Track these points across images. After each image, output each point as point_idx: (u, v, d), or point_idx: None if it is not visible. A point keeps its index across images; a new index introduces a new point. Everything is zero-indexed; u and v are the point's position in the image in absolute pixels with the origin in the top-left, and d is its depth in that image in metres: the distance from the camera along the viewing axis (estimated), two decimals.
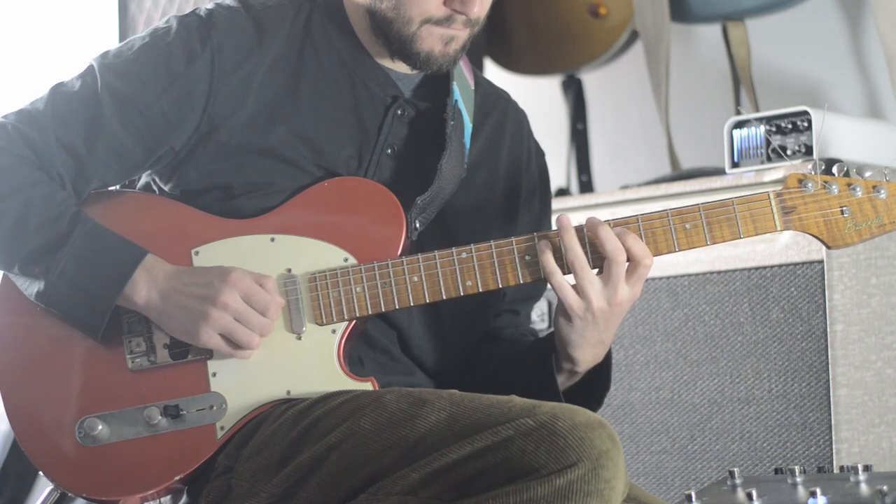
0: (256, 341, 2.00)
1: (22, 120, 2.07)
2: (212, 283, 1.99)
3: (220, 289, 1.98)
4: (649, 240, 2.00)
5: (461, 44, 2.10)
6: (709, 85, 3.52)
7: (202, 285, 2.00)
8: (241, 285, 1.99)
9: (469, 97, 2.21)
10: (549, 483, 1.74)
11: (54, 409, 2.06)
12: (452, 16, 2.05)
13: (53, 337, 2.06)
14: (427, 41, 2.07)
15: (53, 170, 2.05)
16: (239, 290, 1.99)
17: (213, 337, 2.00)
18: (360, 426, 1.89)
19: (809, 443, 2.56)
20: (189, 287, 2.00)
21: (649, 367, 2.77)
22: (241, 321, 1.99)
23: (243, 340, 1.99)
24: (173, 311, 2.01)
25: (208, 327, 1.99)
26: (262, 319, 2.00)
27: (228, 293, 1.98)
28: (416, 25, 2.06)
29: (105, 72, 2.08)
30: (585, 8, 3.43)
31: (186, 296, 2.00)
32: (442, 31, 2.07)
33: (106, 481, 2.05)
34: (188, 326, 2.00)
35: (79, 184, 2.08)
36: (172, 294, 2.01)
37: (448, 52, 2.09)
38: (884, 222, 2.00)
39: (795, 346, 2.58)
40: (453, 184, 2.14)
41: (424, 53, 2.08)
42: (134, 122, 2.07)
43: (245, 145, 2.08)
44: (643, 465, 2.77)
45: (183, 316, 2.00)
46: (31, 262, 2.02)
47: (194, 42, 2.07)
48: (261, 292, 2.00)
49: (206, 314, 1.98)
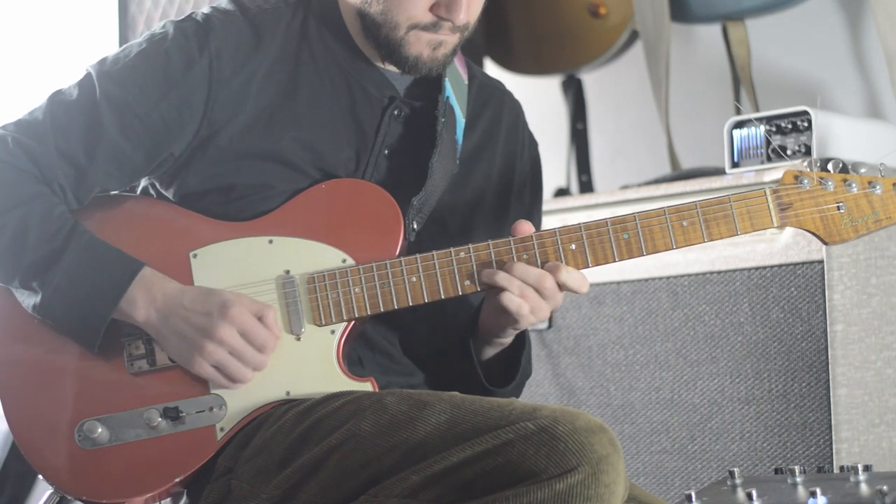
0: (250, 377, 2.01)
1: (21, 131, 2.07)
2: (210, 314, 1.99)
3: (217, 324, 1.98)
4: (647, 237, 2.01)
5: (450, 48, 2.10)
6: (709, 85, 3.52)
7: (201, 314, 2.00)
8: (240, 321, 1.99)
9: (462, 92, 2.21)
10: (549, 487, 1.74)
11: (54, 412, 2.06)
12: (439, 22, 2.06)
13: (53, 340, 2.06)
14: (415, 46, 2.07)
15: (55, 181, 2.05)
16: (237, 326, 1.99)
17: (207, 369, 2.00)
18: (360, 428, 1.89)
19: (809, 443, 2.56)
20: (188, 314, 2.00)
21: (649, 367, 2.77)
22: (236, 356, 1.99)
23: (237, 376, 2.00)
24: (170, 335, 2.01)
25: (202, 359, 2.00)
26: (258, 356, 2.00)
27: (226, 329, 1.98)
28: (403, 30, 2.06)
29: (103, 79, 2.08)
30: (585, 8, 3.43)
31: (185, 321, 2.00)
32: (430, 36, 2.07)
33: (106, 484, 2.05)
34: (183, 353, 2.01)
35: (80, 193, 2.08)
36: (171, 317, 2.01)
37: (437, 56, 2.09)
38: (880, 217, 2.02)
39: (795, 346, 2.58)
40: (445, 181, 2.14)
41: (413, 58, 2.08)
42: (133, 129, 2.07)
43: (245, 149, 2.08)
44: (643, 465, 2.77)
45: (179, 342, 2.01)
46: (29, 276, 2.02)
47: (192, 47, 2.07)
48: (258, 329, 2.00)
49: (202, 346, 1.99)
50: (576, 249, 2.02)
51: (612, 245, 2.01)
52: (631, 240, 2.01)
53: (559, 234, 2.01)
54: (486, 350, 2.15)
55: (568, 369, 2.89)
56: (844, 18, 3.35)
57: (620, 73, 3.64)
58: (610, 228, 2.01)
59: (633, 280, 2.79)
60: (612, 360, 2.82)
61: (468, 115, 2.22)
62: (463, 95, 2.21)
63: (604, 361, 2.83)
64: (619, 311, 2.81)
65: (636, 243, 2.01)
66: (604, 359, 2.83)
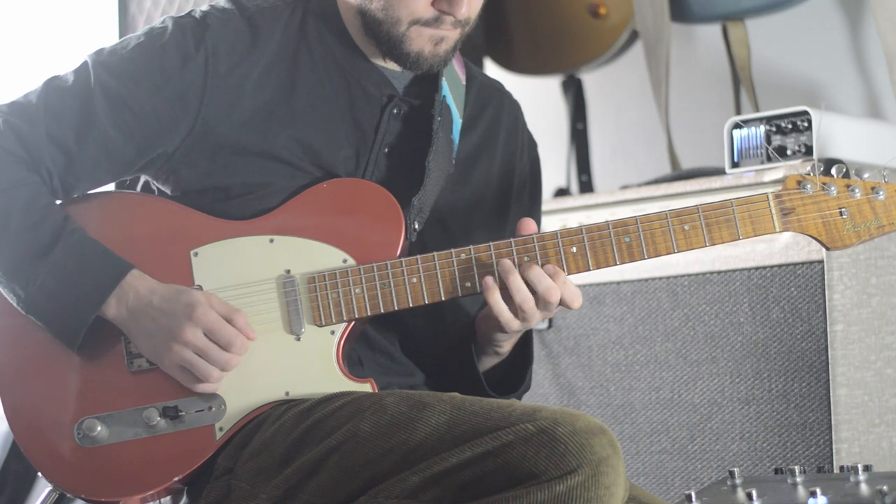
0: (215, 375, 2.00)
1: (14, 112, 2.07)
2: (175, 314, 1.99)
3: (181, 324, 1.98)
4: (648, 241, 2.01)
5: (451, 44, 2.10)
6: (709, 85, 3.52)
7: (168, 315, 1.99)
8: (204, 321, 1.98)
9: (459, 92, 2.21)
10: (548, 489, 1.74)
11: (53, 410, 2.06)
12: (440, 17, 2.05)
13: (52, 339, 2.06)
14: (416, 42, 2.07)
15: (42, 164, 2.05)
16: (202, 326, 1.98)
17: (174, 369, 2.00)
18: (360, 429, 1.89)
19: (809, 443, 2.56)
20: (155, 314, 2.00)
21: (649, 367, 2.77)
22: (202, 356, 1.99)
23: (203, 374, 1.99)
24: (140, 334, 2.01)
25: (168, 359, 2.00)
26: (224, 354, 1.99)
27: (190, 330, 1.98)
28: (404, 26, 2.06)
29: (99, 69, 2.08)
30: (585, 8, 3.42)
31: (152, 321, 2.00)
32: (431, 31, 2.07)
33: (105, 482, 2.05)
34: (152, 352, 2.02)
35: (68, 180, 2.08)
36: (140, 317, 2.01)
37: (438, 52, 2.09)
38: (882, 223, 2.01)
39: (795, 346, 2.58)
40: (441, 180, 2.14)
41: (414, 54, 2.08)
42: (126, 121, 2.07)
43: (242, 147, 2.08)
44: (643, 465, 2.77)
45: (147, 341, 2.01)
46: (13, 269, 2.02)
47: (188, 43, 2.07)
48: (225, 328, 1.99)
49: (168, 347, 1.99)
50: (577, 252, 2.01)
51: (613, 248, 2.01)
52: (632, 243, 2.01)
53: (560, 237, 2.01)
54: (483, 360, 2.15)
55: (568, 369, 2.89)
56: (844, 18, 3.35)
57: (620, 73, 3.64)
58: (611, 231, 2.01)
59: (633, 280, 2.79)
60: (612, 360, 2.82)
61: (467, 116, 2.22)
62: (460, 95, 2.21)
63: (604, 361, 2.83)
64: (619, 311, 2.81)
65: (637, 247, 2.01)
66: (604, 359, 2.83)
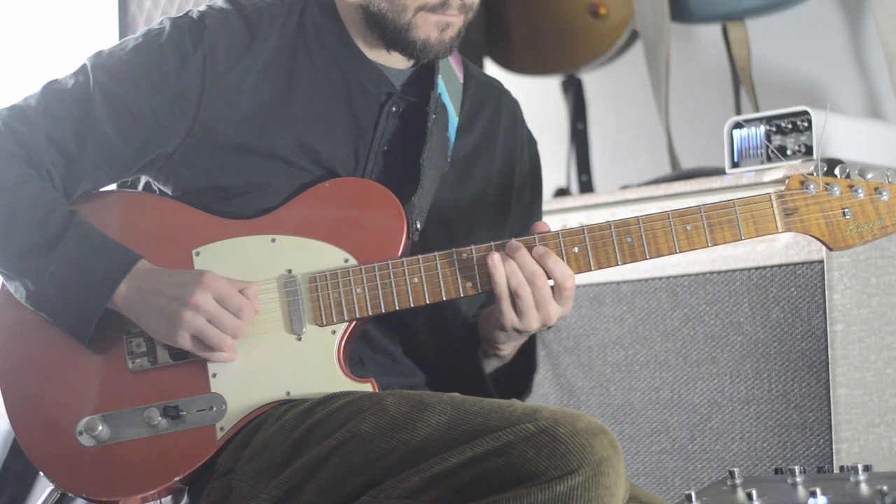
0: (229, 343, 2.00)
1: (13, 116, 2.08)
2: (185, 283, 1.99)
3: (192, 290, 1.98)
4: (650, 241, 2.01)
5: (457, 30, 2.10)
6: (709, 85, 3.52)
7: (177, 286, 2.00)
8: (214, 286, 1.99)
9: (456, 90, 2.21)
10: (549, 489, 1.74)
11: (54, 410, 2.06)
12: (446, 2, 2.06)
13: (54, 337, 2.06)
14: (423, 29, 2.08)
15: (42, 167, 2.06)
16: (212, 291, 1.99)
17: (186, 339, 2.00)
18: (360, 429, 1.89)
19: (809, 443, 2.56)
20: (164, 287, 2.00)
21: (649, 367, 2.77)
22: (214, 322, 1.99)
23: (215, 342, 1.99)
24: (150, 312, 2.01)
25: (181, 329, 1.99)
26: (235, 321, 2.00)
27: (200, 294, 1.98)
28: (410, 13, 2.07)
29: (98, 71, 2.09)
30: (585, 8, 3.43)
31: (161, 295, 2.00)
32: (437, 17, 2.07)
33: (106, 481, 2.05)
34: (164, 327, 2.01)
35: (68, 181, 2.08)
36: (150, 295, 2.01)
37: (444, 38, 2.09)
38: (886, 224, 2.00)
39: (795, 346, 2.58)
40: (436, 178, 2.14)
41: (421, 41, 2.08)
42: (125, 122, 2.07)
43: (241, 146, 2.08)
44: (643, 465, 2.77)
45: (158, 317, 2.01)
46: (22, 264, 2.02)
47: (186, 44, 2.08)
48: (234, 294, 2.00)
49: (179, 315, 1.99)
50: (578, 252, 2.01)
51: (615, 248, 2.01)
52: (634, 243, 2.01)
53: (562, 237, 2.01)
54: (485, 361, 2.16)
55: (568, 369, 2.89)
56: (844, 18, 3.35)
57: (620, 73, 3.64)
58: (613, 231, 2.01)
59: (633, 280, 2.79)
60: (612, 360, 2.82)
61: (466, 115, 2.22)
62: (457, 93, 2.21)
63: (604, 361, 2.83)
64: (619, 311, 2.81)
65: (639, 247, 2.01)
66: (604, 359, 2.83)
